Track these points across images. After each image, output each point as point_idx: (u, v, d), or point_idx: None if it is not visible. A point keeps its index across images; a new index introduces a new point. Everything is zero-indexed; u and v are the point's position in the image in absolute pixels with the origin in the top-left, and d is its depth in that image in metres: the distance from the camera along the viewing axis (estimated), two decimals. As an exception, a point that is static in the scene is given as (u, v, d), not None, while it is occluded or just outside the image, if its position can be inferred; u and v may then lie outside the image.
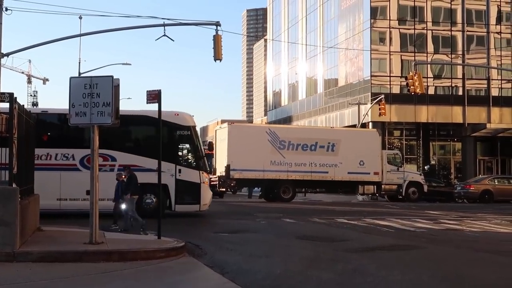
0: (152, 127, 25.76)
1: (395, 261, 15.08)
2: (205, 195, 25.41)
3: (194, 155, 26.23)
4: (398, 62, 62.14)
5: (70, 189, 23.95)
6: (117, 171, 23.30)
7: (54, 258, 13.37)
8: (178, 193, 25.01)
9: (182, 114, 26.76)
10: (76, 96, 14.83)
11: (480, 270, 13.78)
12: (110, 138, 24.51)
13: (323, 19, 74.16)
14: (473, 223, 25.75)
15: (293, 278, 12.55)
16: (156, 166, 22.05)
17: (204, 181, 25.49)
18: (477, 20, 63.39)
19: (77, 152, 24.56)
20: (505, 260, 15.40)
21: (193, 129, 26.32)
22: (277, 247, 17.54)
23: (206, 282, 12.08)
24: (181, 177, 25.02)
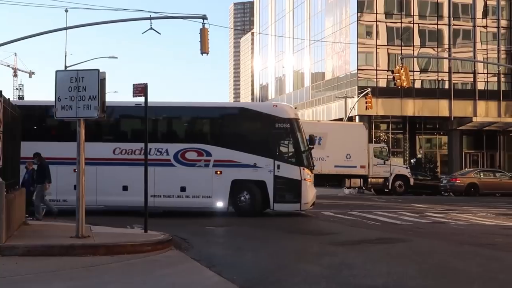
0: (249, 120, 24.96)
1: (382, 254, 15.12)
2: (307, 193, 23.41)
3: (295, 149, 24.20)
4: (384, 55, 62.28)
5: (164, 185, 23.13)
6: (213, 167, 23.23)
7: (40, 252, 13.35)
8: (277, 191, 23.22)
9: (281, 106, 25.95)
10: (62, 89, 14.75)
11: (465, 263, 13.85)
12: (204, 132, 24.70)
13: (310, 13, 74.16)
14: (459, 216, 25.88)
15: (280, 271, 12.56)
16: (252, 162, 23.11)
17: (306, 177, 23.43)
18: (464, 14, 63.62)
19: (171, 146, 23.73)
20: (490, 252, 15.49)
21: (294, 122, 24.12)
22: (264, 240, 17.57)
23: (192, 275, 12.07)
24: (280, 174, 23.22)
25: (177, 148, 23.55)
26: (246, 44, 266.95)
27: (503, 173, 48.54)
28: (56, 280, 11.18)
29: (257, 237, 18.49)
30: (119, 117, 25.25)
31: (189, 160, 23.53)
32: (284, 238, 18.06)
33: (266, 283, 11.17)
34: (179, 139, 24.31)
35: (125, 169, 23.20)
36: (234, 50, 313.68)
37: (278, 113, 23.93)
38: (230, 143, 23.70)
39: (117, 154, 23.63)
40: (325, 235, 18.60)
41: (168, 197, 23.38)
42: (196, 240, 16.79)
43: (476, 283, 11.58)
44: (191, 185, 23.24)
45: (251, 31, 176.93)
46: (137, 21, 29.41)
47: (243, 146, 23.45)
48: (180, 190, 23.14)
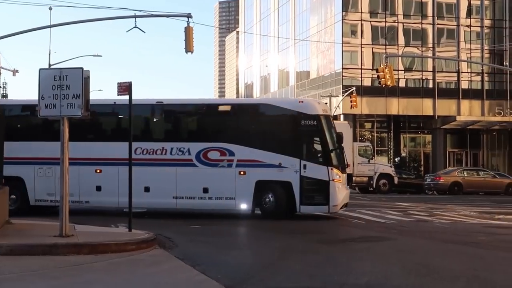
0: (274, 117, 23.45)
1: (366, 252, 15.17)
2: (336, 195, 21.77)
3: (322, 148, 22.47)
4: (369, 54, 62.46)
5: (186, 186, 22.19)
6: (236, 167, 22.09)
7: (23, 251, 13.24)
8: (304, 192, 21.69)
9: (307, 101, 24.56)
10: (46, 88, 14.65)
11: (449, 261, 13.91)
12: (227, 130, 23.21)
13: (295, 12, 74.24)
14: (443, 214, 26.01)
15: (265, 270, 12.56)
16: (277, 161, 21.81)
17: (334, 178, 21.66)
18: (448, 13, 63.92)
19: (192, 145, 22.57)
20: (473, 250, 15.58)
21: (323, 118, 22.40)
22: (249, 239, 17.61)
23: (177, 274, 12.04)
24: (307, 174, 21.65)
25: (199, 147, 22.44)
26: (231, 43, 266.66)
27: (486, 172, 48.93)
28: (40, 279, 11.10)
29: (242, 235, 18.53)
30: (140, 115, 24.19)
31: (211, 160, 22.41)
32: (268, 237, 18.05)
33: (250, 282, 11.15)
34: (201, 137, 23.07)
35: (148, 169, 22.21)
36: (219, 49, 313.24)
37: (304, 109, 22.41)
38: (253, 142, 22.42)
39: (138, 154, 22.19)
40: (310, 234, 18.64)
41: (190, 199, 22.43)
42: (181, 239, 16.74)
43: (459, 281, 11.62)
44: (214, 186, 22.15)
45: (236, 30, 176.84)
46: (122, 19, 29.33)
47: (268, 145, 22.20)
48: (202, 192, 22.11)
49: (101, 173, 22.57)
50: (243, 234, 18.87)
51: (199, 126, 23.91)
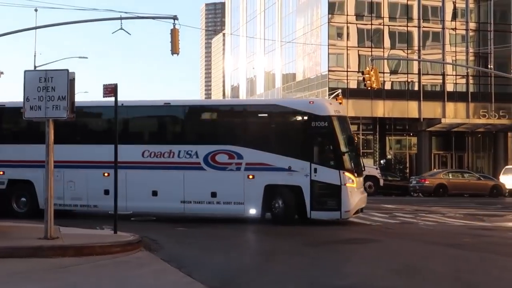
0: (283, 118, 22.38)
1: (352, 254, 15.25)
2: (348, 200, 20.39)
3: (334, 151, 21.02)
4: (355, 57, 62.60)
5: (194, 191, 21.31)
6: (244, 170, 21.03)
7: (8, 254, 13.17)
8: (314, 197, 20.44)
9: (318, 102, 22.75)
10: (31, 89, 14.61)
11: (433, 263, 13.99)
12: (235, 132, 22.15)
13: (281, 14, 74.31)
14: (428, 216, 26.14)
15: (250, 272, 12.59)
16: (287, 165, 20.61)
17: (346, 182, 20.26)
18: (433, 16, 64.18)
19: (200, 148, 21.47)
20: (457, 252, 15.66)
21: (334, 119, 20.97)
22: (234, 241, 17.58)
23: (162, 276, 12.04)
24: (317, 178, 20.40)
25: (207, 150, 21.36)
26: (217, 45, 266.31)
27: (471, 174, 49.16)
28: (25, 282, 11.07)
29: (227, 237, 18.48)
30: (147, 117, 24.02)
31: (219, 163, 21.30)
32: (255, 239, 18.11)
33: (236, 284, 11.18)
34: (208, 140, 22.00)
35: (155, 173, 21.67)
36: (206, 51, 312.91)
37: (315, 110, 20.96)
38: (262, 144, 21.22)
39: (145, 157, 21.84)
40: (296, 236, 18.67)
41: (198, 203, 21.48)
42: (167, 241, 16.74)
43: (444, 283, 11.70)
44: (222, 191, 21.07)
45: (222, 32, 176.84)
46: (108, 21, 29.27)
47: (277, 148, 21.06)
48: (210, 196, 21.10)
49: (108, 177, 20.94)
50: (229, 236, 18.82)
51: (207, 128, 23.11)
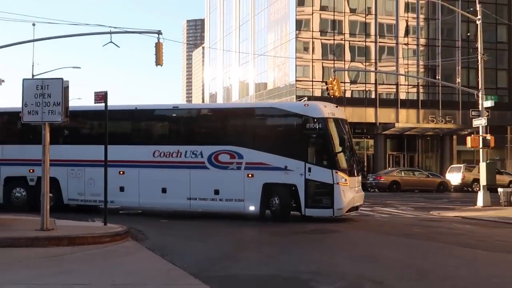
0: (280, 120, 21.29)
1: (317, 243, 15.29)
2: (340, 198, 19.18)
3: (327, 151, 19.78)
4: (319, 68, 62.83)
5: (199, 188, 20.44)
6: (244, 169, 20.02)
7: (9, 244, 13.07)
8: (308, 195, 19.35)
9: (313, 104, 21.19)
10: (29, 96, 14.48)
11: (388, 250, 14.10)
12: (236, 133, 21.23)
13: (254, 30, 74.35)
14: (383, 209, 26.30)
15: (226, 259, 12.58)
16: (283, 164, 19.56)
17: (339, 181, 19.10)
18: (388, 33, 64.63)
19: (205, 149, 20.58)
20: (409, 241, 15.81)
21: (328, 121, 19.82)
22: (212, 232, 17.54)
23: (147, 264, 11.98)
24: (311, 177, 19.31)
25: (210, 150, 20.49)
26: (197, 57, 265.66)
27: (421, 172, 49.65)
28: (23, 268, 10.97)
29: (206, 228, 18.45)
30: (158, 120, 23.37)
31: (222, 163, 20.39)
32: (231, 230, 18.04)
33: (213, 270, 11.16)
34: (212, 141, 21.01)
35: (164, 171, 20.95)
36: (187, 62, 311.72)
37: (309, 112, 19.88)
38: (261, 145, 20.22)
39: (156, 157, 21.15)
40: (267, 227, 18.68)
41: (202, 200, 20.65)
42: (151, 231, 16.66)
43: (396, 267, 11.79)
44: (224, 188, 20.20)
45: (202, 46, 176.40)
46: (99, 35, 29.02)
47: (274, 148, 19.96)
48: (214, 193, 20.25)
49: (123, 175, 21.25)
50: (206, 227, 18.78)
51: (211, 130, 22.00)
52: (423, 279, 10.58)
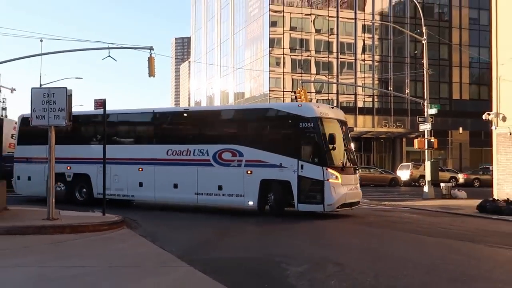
0: (275, 120, 19.57)
1: (287, 231, 15.26)
2: (331, 194, 17.38)
3: (317, 149, 17.97)
4: (289, 80, 63.02)
5: (205, 184, 19.27)
6: (244, 166, 18.65)
7: (17, 232, 12.88)
8: (301, 191, 17.69)
9: (305, 105, 19.80)
10: (37, 103, 14.31)
11: (347, 237, 14.17)
12: (237, 133, 19.84)
13: (234, 47, 74.31)
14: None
15: (209, 244, 12.54)
16: (279, 162, 18.06)
17: (329, 178, 17.37)
18: (348, 50, 65.05)
19: (210, 147, 19.35)
20: (366, 228, 15.85)
21: (319, 120, 18.05)
22: (196, 222, 17.43)
23: (141, 249, 11.88)
24: (304, 174, 17.63)
25: (215, 149, 19.24)
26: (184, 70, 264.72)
27: (375, 169, 49.96)
28: (30, 253, 10.81)
29: (191, 218, 18.34)
30: (171, 121, 22.16)
31: (225, 160, 19.08)
32: (213, 219, 17.96)
33: (197, 253, 11.11)
34: (216, 140, 19.75)
35: (176, 168, 19.91)
36: (175, 74, 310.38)
37: (302, 112, 18.27)
38: (259, 144, 18.79)
39: (169, 155, 20.11)
40: (245, 217, 18.61)
41: (208, 195, 19.36)
42: (144, 221, 16.53)
43: (356, 251, 11.83)
44: (227, 184, 18.96)
45: (188, 60, 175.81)
46: (98, 50, 28.78)
47: (270, 146, 18.48)
48: (217, 189, 19.02)
49: (142, 172, 20.48)
50: (191, 217, 18.66)
51: (215, 130, 20.51)
52: (378, 261, 10.63)
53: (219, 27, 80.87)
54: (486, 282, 8.78)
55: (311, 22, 63.39)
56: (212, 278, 8.57)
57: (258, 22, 65.69)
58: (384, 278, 9.06)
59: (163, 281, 8.65)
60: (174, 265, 9.86)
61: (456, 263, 10.65)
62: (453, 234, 14.89)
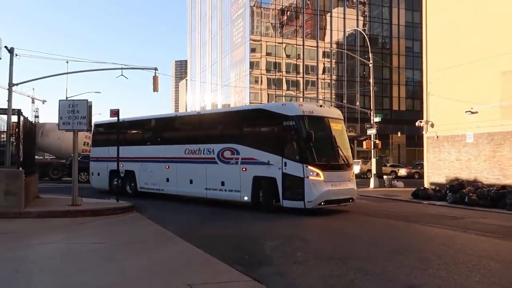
0: (264, 120, 16.32)
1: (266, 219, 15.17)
2: (311, 191, 14.32)
3: (298, 146, 14.80)
4: (266, 95, 63.06)
5: (212, 180, 17.12)
6: (240, 164, 16.12)
7: (47, 215, 12.72)
8: (285, 188, 14.81)
9: (288, 104, 16.26)
10: (63, 112, 14.12)
11: (312, 221, 14.10)
12: (235, 132, 17.02)
13: (221, 68, 74.17)
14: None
15: (201, 225, 12.48)
16: (267, 159, 15.34)
17: (309, 175, 14.34)
18: (311, 71, 65.33)
19: (215, 146, 17.10)
20: (323, 211, 15.60)
21: (301, 119, 14.97)
22: (192, 208, 17.33)
23: (147, 227, 11.80)
24: (287, 171, 14.75)
25: (219, 147, 17.00)
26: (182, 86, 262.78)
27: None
28: (57, 232, 10.69)
29: (189, 205, 18.21)
30: (186, 123, 20.11)
31: (226, 158, 16.76)
32: (201, 206, 17.86)
33: (191, 231, 11.06)
34: (220, 139, 17.29)
35: (191, 166, 18.01)
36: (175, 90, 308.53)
37: (285, 111, 15.29)
38: (251, 142, 16.08)
39: (187, 154, 18.25)
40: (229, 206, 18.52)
41: (214, 190, 17.14)
42: (150, 207, 16.41)
43: (318, 231, 11.84)
44: (227, 180, 16.61)
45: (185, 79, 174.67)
46: (113, 70, 28.47)
47: (260, 145, 15.73)
48: (221, 184, 16.83)
49: (168, 169, 18.95)
50: (190, 205, 18.55)
51: (218, 130, 17.92)
52: (335, 237, 10.67)
53: (210, 52, 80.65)
54: (419, 253, 8.89)
55: (283, 49, 63.53)
56: (204, 251, 8.55)
57: (241, 48, 65.68)
58: (339, 250, 9.11)
59: (165, 254, 8.60)
60: (175, 241, 9.80)
61: (396, 238, 10.76)
62: (394, 216, 14.95)
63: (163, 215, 14.43)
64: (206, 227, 12.08)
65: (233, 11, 69.39)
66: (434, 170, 25.98)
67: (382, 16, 68.98)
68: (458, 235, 11.16)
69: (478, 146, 23.58)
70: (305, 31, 64.85)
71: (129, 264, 7.68)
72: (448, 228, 12.24)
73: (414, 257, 8.38)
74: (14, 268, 7.16)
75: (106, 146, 21.37)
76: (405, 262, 7.93)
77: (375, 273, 7.12)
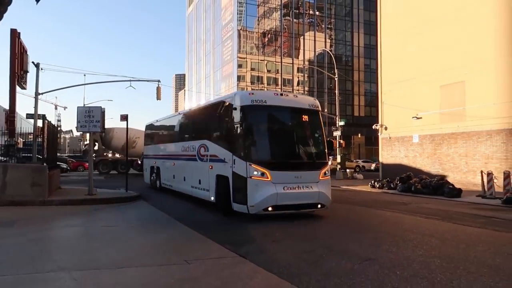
0: (221, 112, 11.63)
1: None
2: (252, 194, 9.85)
3: (243, 141, 10.14)
4: (250, 103, 62.94)
5: (193, 178, 13.54)
6: (209, 161, 12.07)
7: (67, 203, 12.53)
8: (234, 189, 10.38)
9: (238, 93, 11.00)
10: (81, 116, 13.94)
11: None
12: (205, 128, 12.97)
13: (214, 81, 73.92)
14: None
15: (191, 212, 12.37)
16: (223, 156, 10.97)
17: (252, 175, 9.79)
18: (288, 84, 65.46)
19: (195, 143, 13.38)
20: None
21: (249, 109, 10.22)
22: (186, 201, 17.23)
23: (151, 213, 11.68)
24: (235, 170, 10.28)
25: (197, 144, 13.14)
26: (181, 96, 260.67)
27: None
28: (75, 217, 10.51)
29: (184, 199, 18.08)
30: (180, 122, 16.45)
31: (201, 156, 12.76)
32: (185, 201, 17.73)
33: (184, 217, 10.98)
34: (197, 136, 13.43)
35: (184, 163, 14.68)
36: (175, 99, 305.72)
37: (233, 100, 10.76)
38: (214, 138, 11.99)
39: (182, 151, 14.93)
40: (189, 199, 18.36)
41: (195, 188, 13.40)
42: (154, 197, 16.18)
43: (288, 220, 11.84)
44: (202, 179, 12.71)
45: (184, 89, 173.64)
46: (123, 81, 28.13)
47: (219, 140, 11.52)
48: (198, 183, 13.08)
49: (174, 166, 16.04)
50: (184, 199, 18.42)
51: (195, 126, 14.28)
52: (308, 221, 10.64)
53: (204, 67, 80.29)
54: (374, 232, 8.98)
55: (264, 65, 63.50)
56: (193, 229, 8.62)
57: (230, 64, 65.54)
58: (310, 232, 9.12)
59: (165, 234, 8.53)
60: (173, 224, 9.76)
61: (356, 220, 10.81)
62: (355, 202, 15.02)
63: (165, 204, 14.12)
64: (193, 214, 11.83)
65: (223, 33, 69.25)
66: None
67: (345, 39, 69.61)
68: (406, 217, 11.28)
69: (422, 145, 24.01)
70: (283, 51, 64.99)
71: (136, 243, 7.62)
72: (398, 212, 12.39)
73: (371, 236, 8.45)
74: (39, 247, 7.06)
75: (153, 144, 20.21)
76: (364, 240, 8.01)
77: (340, 250, 7.18)
